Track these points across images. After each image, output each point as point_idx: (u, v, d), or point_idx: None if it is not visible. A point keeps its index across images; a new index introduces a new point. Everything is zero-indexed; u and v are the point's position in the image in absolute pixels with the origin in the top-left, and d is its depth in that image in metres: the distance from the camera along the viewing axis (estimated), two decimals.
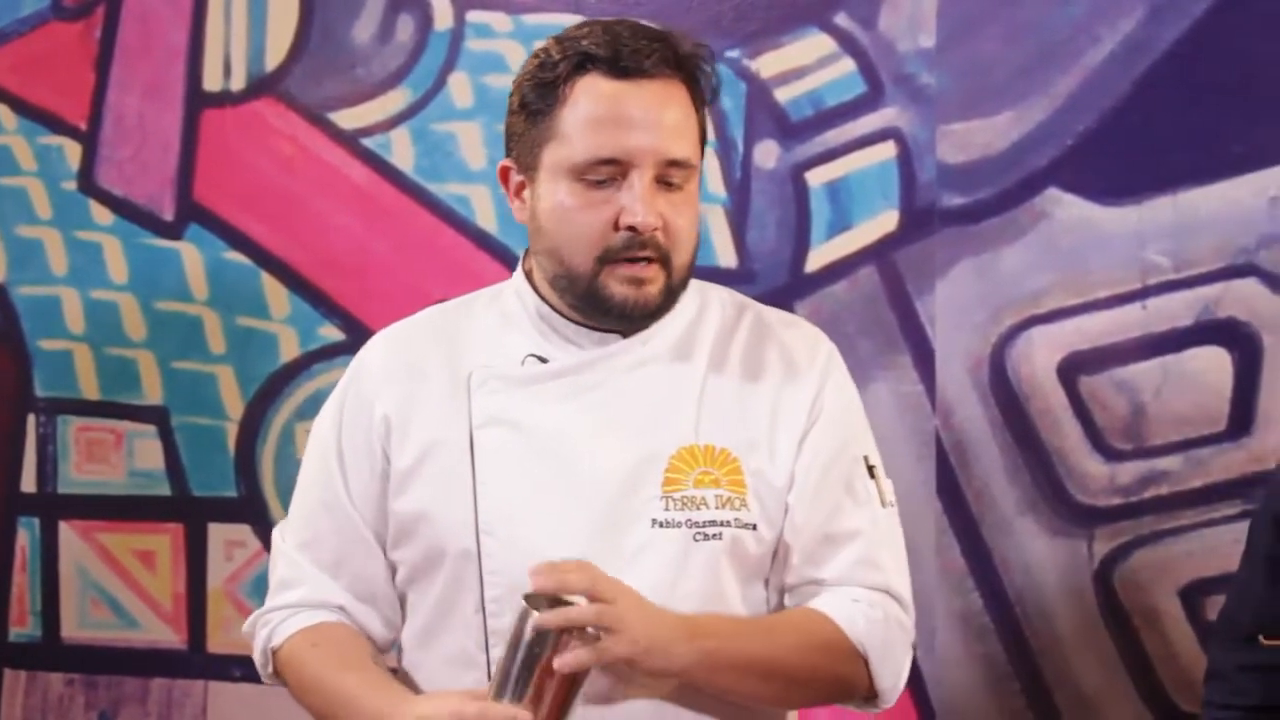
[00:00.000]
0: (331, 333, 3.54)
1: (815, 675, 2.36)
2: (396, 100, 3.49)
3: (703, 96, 2.41)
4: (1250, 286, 3.17)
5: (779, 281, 3.33)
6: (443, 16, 3.47)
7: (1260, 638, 2.42)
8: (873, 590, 2.40)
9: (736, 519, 2.38)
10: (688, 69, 2.38)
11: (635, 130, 2.32)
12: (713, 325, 2.47)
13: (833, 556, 2.41)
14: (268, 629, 2.48)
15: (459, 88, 3.46)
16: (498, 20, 3.45)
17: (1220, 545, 3.11)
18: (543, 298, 2.43)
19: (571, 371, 2.41)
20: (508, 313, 2.47)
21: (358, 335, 3.49)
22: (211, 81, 3.56)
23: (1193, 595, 3.14)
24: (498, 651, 2.27)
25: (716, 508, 2.38)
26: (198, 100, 3.57)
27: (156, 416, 3.62)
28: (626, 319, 2.39)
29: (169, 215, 3.58)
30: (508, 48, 3.43)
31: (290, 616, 2.47)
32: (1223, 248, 3.17)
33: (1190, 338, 3.19)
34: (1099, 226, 3.21)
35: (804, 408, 2.44)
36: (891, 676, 2.39)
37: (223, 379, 3.58)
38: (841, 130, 3.33)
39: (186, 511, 3.62)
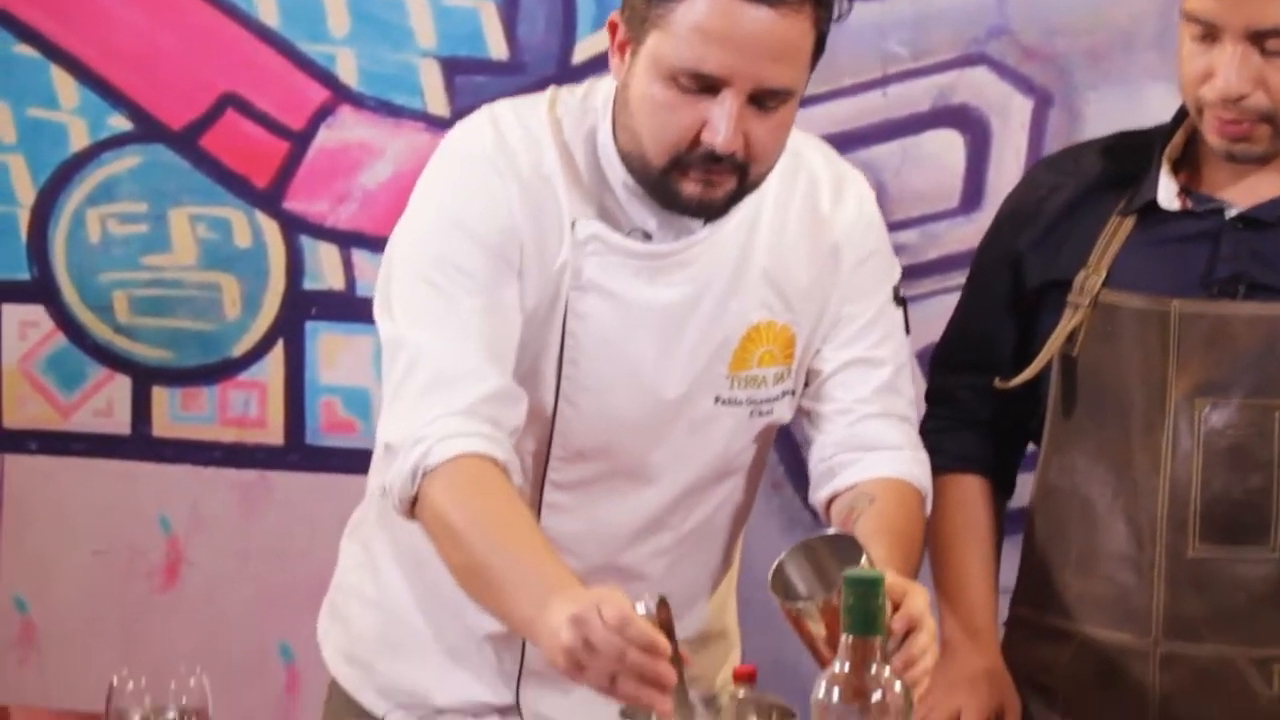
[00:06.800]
0: (120, 122, 3.64)
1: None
2: None
3: (829, 17, 2.32)
4: (981, 74, 3.40)
5: (547, 72, 3.50)
6: None
7: (996, 380, 2.61)
8: (901, 421, 2.52)
9: (784, 390, 2.49)
10: None
11: (739, 52, 2.23)
12: (771, 194, 2.45)
13: (861, 381, 2.51)
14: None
15: None
16: None
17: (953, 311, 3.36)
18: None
19: (673, 254, 2.40)
20: (592, 167, 2.41)
21: (145, 125, 3.63)
22: None
23: (927, 357, 3.39)
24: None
25: (773, 384, 2.48)
26: None
27: None
28: (689, 215, 2.37)
29: None
30: None
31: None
32: (956, 39, 3.40)
33: (927, 122, 3.43)
34: (843, 20, 3.42)
35: (847, 271, 2.49)
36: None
37: (14, 167, 3.67)
38: None
39: None
